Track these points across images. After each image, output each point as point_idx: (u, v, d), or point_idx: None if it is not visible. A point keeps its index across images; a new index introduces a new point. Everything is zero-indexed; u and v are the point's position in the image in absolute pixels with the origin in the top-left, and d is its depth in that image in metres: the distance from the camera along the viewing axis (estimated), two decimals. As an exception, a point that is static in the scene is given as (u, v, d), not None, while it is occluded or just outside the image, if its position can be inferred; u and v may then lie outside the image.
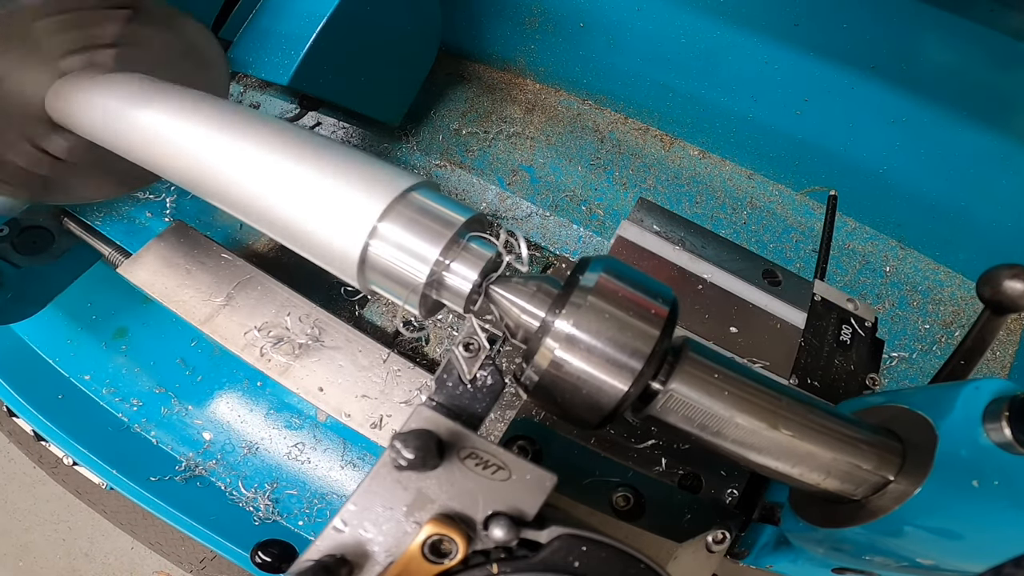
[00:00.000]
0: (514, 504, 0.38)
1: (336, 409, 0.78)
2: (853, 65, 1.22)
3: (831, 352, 0.71)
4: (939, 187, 1.30)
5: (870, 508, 0.45)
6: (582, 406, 0.40)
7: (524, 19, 1.50)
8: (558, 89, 1.64)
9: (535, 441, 0.61)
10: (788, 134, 1.39)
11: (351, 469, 1.10)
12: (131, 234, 1.11)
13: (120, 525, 1.70)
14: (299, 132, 0.53)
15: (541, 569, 0.36)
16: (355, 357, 0.81)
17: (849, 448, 0.45)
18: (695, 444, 0.46)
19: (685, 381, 0.42)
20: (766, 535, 0.64)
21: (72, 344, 1.20)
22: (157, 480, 1.04)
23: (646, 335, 0.38)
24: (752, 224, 1.47)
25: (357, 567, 0.36)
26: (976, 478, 0.40)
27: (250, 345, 0.83)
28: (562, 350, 0.38)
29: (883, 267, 1.43)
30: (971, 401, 0.43)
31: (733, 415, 0.43)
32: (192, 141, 0.56)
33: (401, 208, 0.44)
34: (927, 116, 1.22)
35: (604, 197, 1.50)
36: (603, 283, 0.39)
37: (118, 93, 0.66)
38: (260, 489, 1.09)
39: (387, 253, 0.44)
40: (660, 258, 0.73)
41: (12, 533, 1.74)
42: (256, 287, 0.89)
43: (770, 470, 0.46)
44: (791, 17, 1.21)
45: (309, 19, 1.13)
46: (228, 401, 1.16)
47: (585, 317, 0.38)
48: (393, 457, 0.37)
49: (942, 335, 1.36)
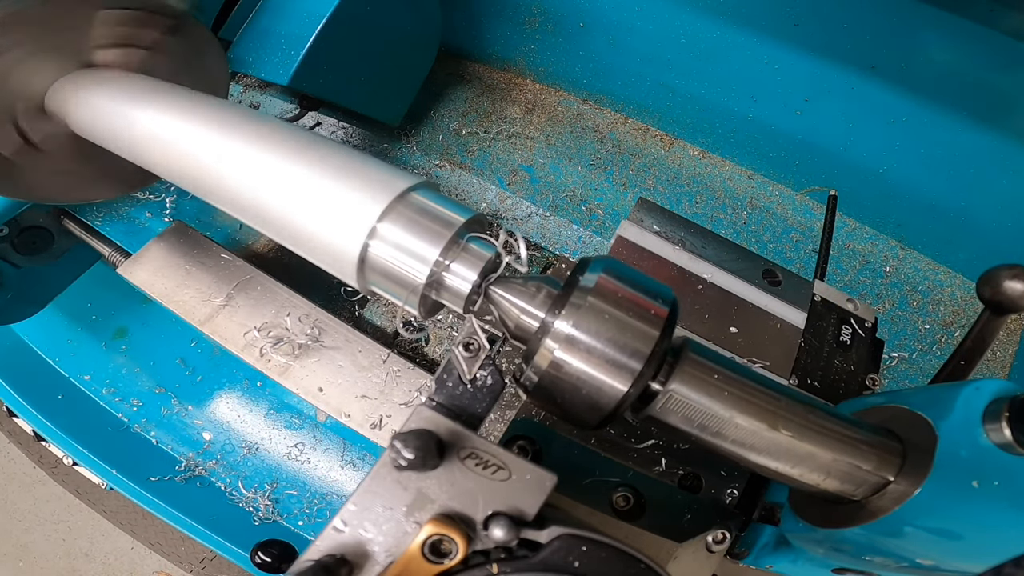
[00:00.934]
0: (514, 504, 0.38)
1: (336, 409, 0.78)
2: (853, 65, 1.22)
3: (831, 352, 0.71)
4: (939, 187, 1.30)
5: (870, 509, 0.45)
6: (582, 406, 0.40)
7: (524, 19, 1.50)
8: (558, 89, 1.64)
9: (535, 441, 0.61)
10: (788, 134, 1.39)
11: (351, 469, 1.10)
12: (131, 234, 1.11)
13: (120, 525, 1.70)
14: (298, 132, 0.53)
15: (541, 569, 0.36)
16: (355, 357, 0.81)
17: (849, 448, 0.45)
18: (695, 444, 0.45)
19: (685, 382, 0.42)
20: (766, 535, 0.64)
21: (72, 344, 1.20)
22: (157, 480, 1.04)
23: (646, 336, 0.38)
24: (752, 224, 1.47)
25: (357, 567, 0.36)
26: (976, 479, 0.40)
27: (250, 345, 0.82)
28: (562, 351, 0.38)
29: (883, 267, 1.43)
30: (971, 401, 0.43)
31: (733, 415, 0.43)
32: (191, 141, 0.56)
33: (401, 208, 0.44)
34: (927, 116, 1.22)
35: (604, 197, 1.50)
36: (603, 283, 0.39)
37: (118, 92, 0.66)
38: (260, 489, 1.09)
39: (386, 254, 0.43)
40: (660, 258, 0.73)
41: (12, 533, 1.74)
42: (256, 287, 0.89)
43: (770, 470, 0.46)
44: (791, 17, 1.21)
45: (309, 19, 1.13)
46: (228, 401, 1.16)
47: (585, 318, 0.38)
48: (393, 457, 0.37)
49: (942, 335, 1.36)
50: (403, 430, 0.38)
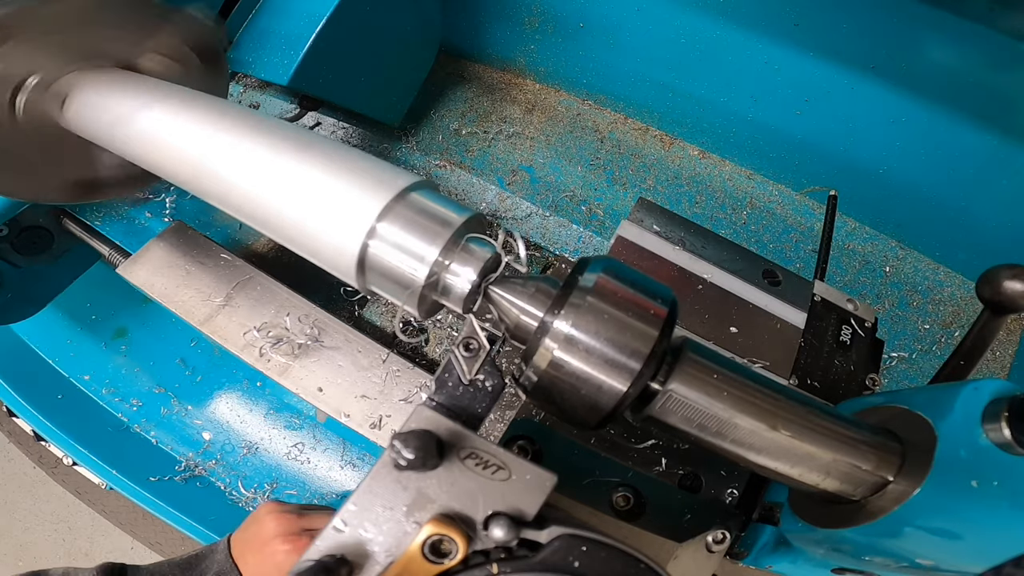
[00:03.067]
0: (514, 504, 0.38)
1: (336, 409, 0.78)
2: (854, 65, 1.22)
3: (831, 352, 0.71)
4: (939, 187, 1.30)
5: (869, 509, 0.45)
6: (581, 406, 0.40)
7: (524, 19, 1.50)
8: (558, 89, 1.64)
9: (535, 441, 0.61)
10: (788, 134, 1.39)
11: (351, 469, 1.10)
12: (131, 234, 1.11)
13: (120, 525, 1.70)
14: (296, 131, 0.53)
15: (541, 569, 0.36)
16: (355, 357, 0.81)
17: (848, 449, 0.45)
18: (694, 444, 0.45)
19: (684, 381, 0.42)
20: (766, 535, 0.64)
21: (72, 344, 1.20)
22: (157, 480, 1.04)
23: (645, 335, 0.38)
24: (752, 224, 1.47)
25: (357, 567, 0.36)
26: (975, 478, 0.40)
27: (249, 345, 0.82)
28: (561, 350, 0.38)
29: (883, 267, 1.43)
30: (970, 401, 0.43)
31: (732, 416, 0.43)
32: (189, 141, 0.56)
33: (400, 208, 0.44)
34: (927, 116, 1.22)
35: (604, 197, 1.50)
36: (602, 283, 0.39)
37: (116, 92, 0.66)
38: (260, 489, 1.09)
39: (386, 253, 0.43)
40: (660, 258, 0.73)
41: (12, 533, 1.74)
42: (256, 287, 0.89)
43: (769, 470, 0.46)
44: (791, 17, 1.21)
45: (309, 19, 1.13)
46: (228, 401, 1.16)
47: (584, 317, 0.38)
48: (393, 457, 0.37)
49: (942, 335, 1.36)
50: (403, 430, 0.38)
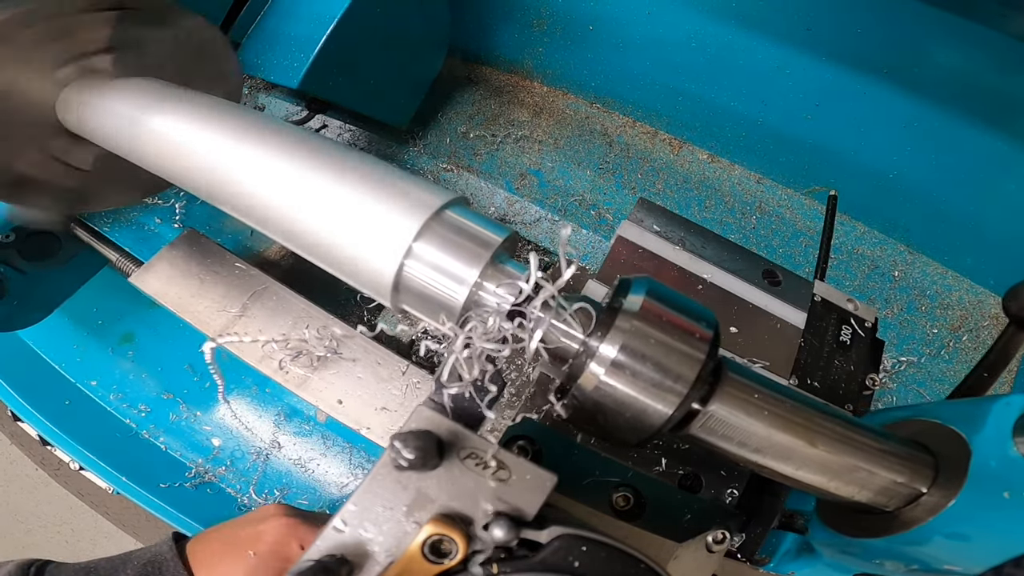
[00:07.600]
0: (514, 504, 0.38)
1: (356, 421, 0.77)
2: (865, 69, 1.22)
3: (831, 352, 0.71)
4: (949, 191, 1.31)
5: (903, 519, 0.46)
6: (624, 427, 0.40)
7: (532, 22, 1.49)
8: (566, 92, 1.63)
9: (535, 441, 0.60)
10: (798, 139, 1.39)
11: (361, 474, 1.10)
12: (139, 240, 1.10)
13: (123, 527, 1.70)
14: (324, 142, 0.52)
15: (541, 569, 0.36)
16: (374, 369, 0.81)
17: (884, 462, 0.46)
18: (732, 460, 0.46)
19: (725, 402, 0.42)
20: (788, 542, 0.65)
21: (78, 349, 1.19)
22: (167, 487, 1.03)
23: (691, 359, 0.38)
24: (761, 229, 1.47)
25: (357, 567, 0.36)
26: (1007, 489, 0.42)
27: (267, 357, 0.82)
28: (608, 375, 0.38)
29: (892, 272, 1.43)
30: (1002, 415, 0.45)
31: (772, 433, 0.43)
32: (212, 150, 0.55)
33: (436, 227, 0.43)
34: (937, 121, 1.22)
35: (613, 201, 1.49)
36: (647, 306, 0.38)
37: (129, 99, 0.65)
38: (271, 495, 1.08)
39: (423, 274, 0.43)
40: (660, 258, 0.73)
41: (14, 535, 1.73)
42: (272, 297, 0.88)
43: (805, 485, 0.47)
44: (804, 22, 1.21)
45: (319, 21, 1.12)
46: (237, 407, 1.15)
47: (631, 341, 0.38)
48: (393, 457, 0.37)
49: (950, 339, 1.37)
50: (403, 430, 0.38)
